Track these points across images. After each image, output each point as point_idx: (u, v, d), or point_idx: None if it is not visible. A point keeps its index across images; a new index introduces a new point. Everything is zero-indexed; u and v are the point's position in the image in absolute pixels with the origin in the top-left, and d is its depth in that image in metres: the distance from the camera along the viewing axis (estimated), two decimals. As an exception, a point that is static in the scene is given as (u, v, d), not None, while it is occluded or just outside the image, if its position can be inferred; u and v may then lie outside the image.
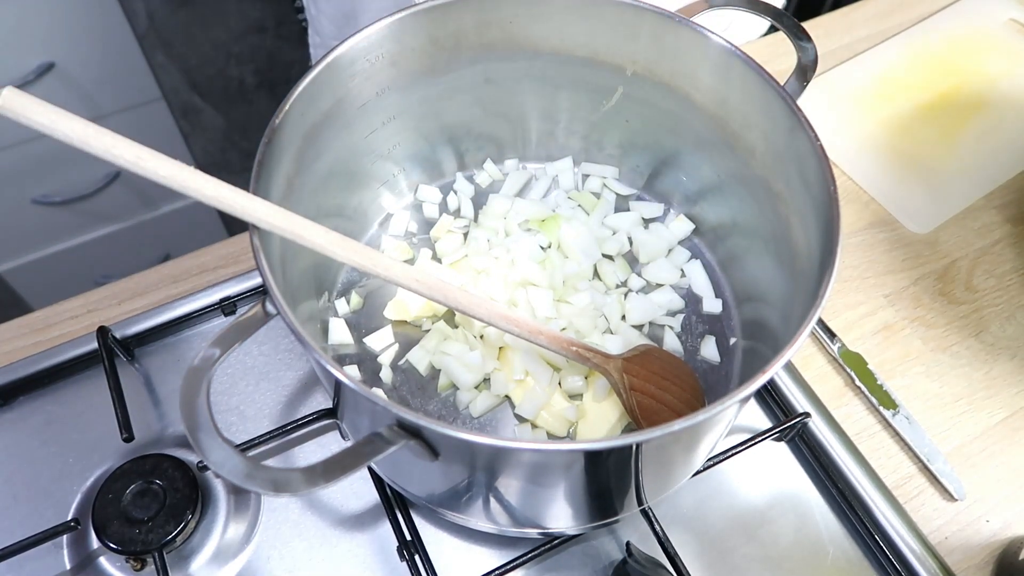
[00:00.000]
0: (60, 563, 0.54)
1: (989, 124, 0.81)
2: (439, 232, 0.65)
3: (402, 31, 0.53)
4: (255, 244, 0.41)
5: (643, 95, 0.59)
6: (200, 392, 0.37)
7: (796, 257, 0.51)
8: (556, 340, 0.52)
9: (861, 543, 0.57)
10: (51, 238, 1.46)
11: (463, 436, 0.35)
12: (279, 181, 0.48)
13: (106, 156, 0.36)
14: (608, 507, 0.49)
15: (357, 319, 0.61)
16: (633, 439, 0.36)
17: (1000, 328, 0.68)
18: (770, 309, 0.56)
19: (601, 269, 0.63)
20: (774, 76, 0.50)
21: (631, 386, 0.52)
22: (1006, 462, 0.61)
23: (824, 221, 0.45)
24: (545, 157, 0.68)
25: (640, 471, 0.44)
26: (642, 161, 0.66)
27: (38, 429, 0.59)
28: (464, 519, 0.52)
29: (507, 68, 0.59)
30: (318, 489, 0.36)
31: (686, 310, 0.62)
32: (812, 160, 0.47)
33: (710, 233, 0.64)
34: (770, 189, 0.54)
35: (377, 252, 0.46)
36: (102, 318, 0.64)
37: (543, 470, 0.42)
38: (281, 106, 0.46)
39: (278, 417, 0.60)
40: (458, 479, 0.45)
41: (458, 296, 0.49)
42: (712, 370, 0.59)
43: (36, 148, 1.28)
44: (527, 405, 0.56)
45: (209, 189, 0.39)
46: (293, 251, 0.48)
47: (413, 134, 0.62)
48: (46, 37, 1.18)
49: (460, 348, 0.57)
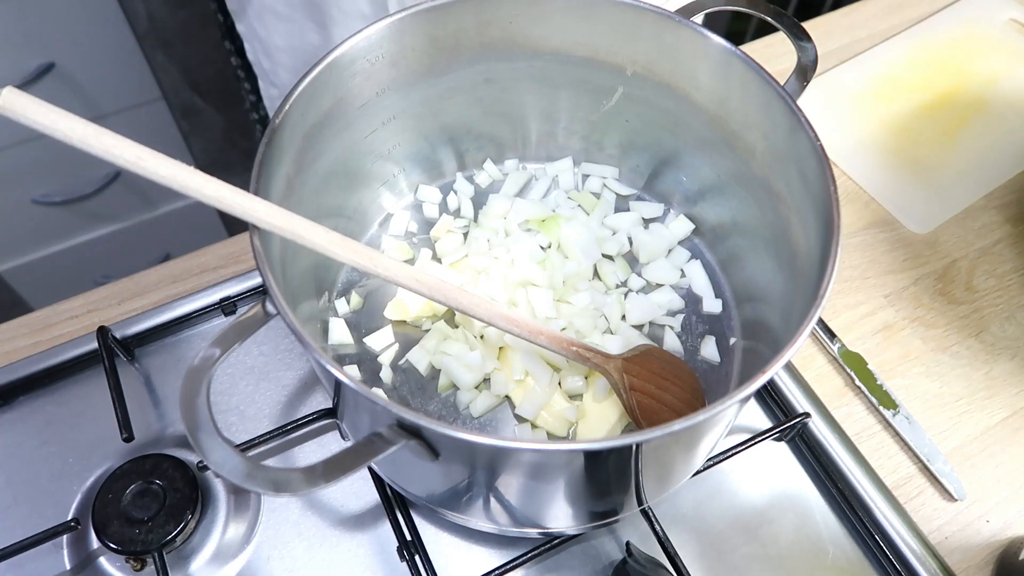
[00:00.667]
0: (60, 563, 0.54)
1: (989, 124, 0.81)
2: (439, 232, 0.65)
3: (402, 31, 0.53)
4: (255, 244, 0.41)
5: (643, 95, 0.59)
6: (200, 392, 0.37)
7: (796, 257, 0.51)
8: (556, 340, 0.52)
9: (861, 543, 0.57)
10: (51, 238, 1.46)
11: (463, 436, 0.35)
12: (279, 181, 0.48)
13: (106, 156, 0.36)
14: (608, 507, 0.49)
15: (357, 319, 0.61)
16: (633, 439, 0.36)
17: (1000, 328, 0.68)
18: (770, 309, 0.56)
19: (601, 269, 0.63)
20: (774, 76, 0.50)
21: (631, 386, 0.52)
22: (1006, 462, 0.61)
23: (824, 221, 0.45)
24: (545, 157, 0.68)
25: (640, 471, 0.44)
26: (642, 161, 0.66)
27: (38, 429, 0.59)
28: (464, 519, 0.52)
29: (507, 68, 0.59)
30: (318, 489, 0.36)
31: (686, 310, 0.62)
32: (812, 160, 0.47)
33: (710, 233, 0.64)
34: (770, 189, 0.54)
35: (377, 252, 0.46)
36: (102, 318, 0.64)
37: (543, 470, 0.42)
38: (281, 106, 0.46)
39: (278, 417, 0.60)
40: (458, 479, 0.45)
41: (458, 296, 0.49)
42: (712, 370, 0.59)
43: (36, 148, 1.28)
44: (527, 405, 0.56)
45: (209, 189, 0.39)
46: (293, 251, 0.48)
47: (413, 134, 0.62)
48: (46, 37, 1.18)
49: (460, 348, 0.57)
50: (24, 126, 0.34)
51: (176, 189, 0.38)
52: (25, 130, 0.35)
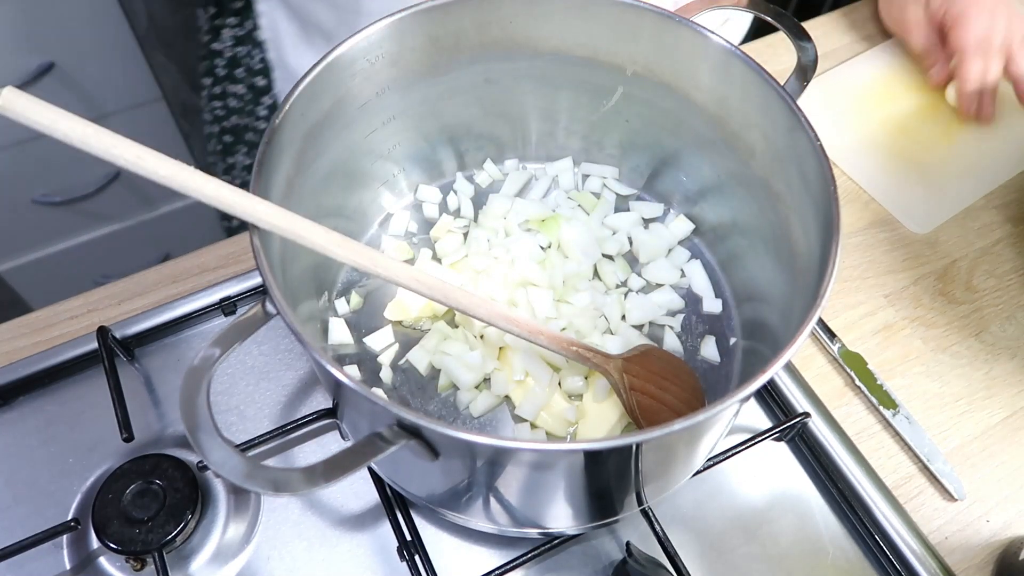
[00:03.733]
0: (60, 563, 0.54)
1: (989, 124, 0.81)
2: (439, 232, 0.65)
3: (402, 31, 0.53)
4: (255, 244, 0.41)
5: (643, 95, 0.59)
6: (200, 392, 0.37)
7: (796, 257, 0.51)
8: (556, 340, 0.52)
9: (861, 543, 0.57)
10: (51, 238, 1.46)
11: (463, 436, 0.35)
12: (279, 181, 0.48)
13: (106, 156, 0.36)
14: (608, 507, 0.49)
15: (357, 319, 0.60)
16: (633, 439, 0.37)
17: (1000, 328, 0.68)
18: (770, 309, 0.56)
19: (601, 269, 0.63)
20: (774, 76, 0.50)
21: (631, 386, 0.52)
22: (1006, 462, 0.61)
23: (824, 221, 0.45)
24: (545, 157, 0.68)
25: (640, 471, 0.44)
26: (642, 161, 0.66)
27: (38, 429, 0.59)
28: (464, 519, 0.52)
29: (507, 68, 0.59)
30: (318, 489, 0.36)
31: (686, 310, 0.62)
32: (812, 159, 0.47)
33: (710, 233, 0.64)
34: (770, 189, 0.54)
35: (377, 252, 0.46)
36: (102, 318, 0.64)
37: (543, 470, 0.42)
38: (281, 106, 0.46)
39: (278, 417, 0.60)
40: (458, 479, 0.45)
41: (458, 296, 0.49)
42: (712, 370, 0.59)
43: (36, 148, 1.28)
44: (527, 406, 0.56)
45: (209, 189, 0.39)
46: (293, 251, 0.48)
47: (413, 134, 0.62)
48: (46, 37, 1.18)
49: (460, 348, 0.57)
50: (24, 126, 0.34)
51: (176, 189, 0.38)
52: (25, 130, 0.35)
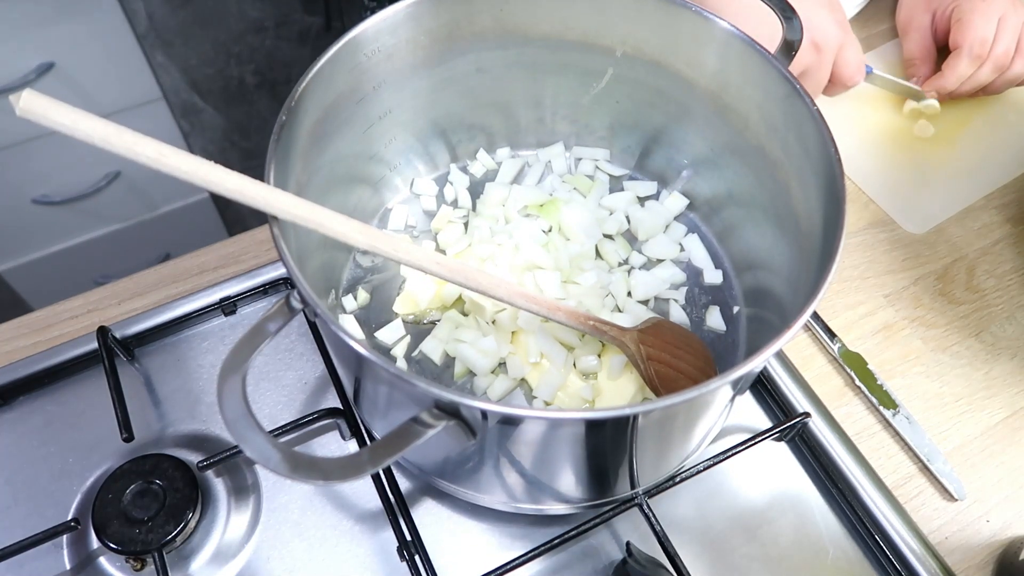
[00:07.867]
0: (60, 563, 0.54)
1: (989, 124, 0.81)
2: (440, 223, 0.65)
3: (398, 24, 0.53)
4: (275, 234, 0.41)
5: (633, 75, 0.60)
6: (236, 390, 0.37)
7: (798, 221, 0.52)
8: (574, 315, 0.53)
9: (861, 543, 0.57)
10: (51, 238, 1.46)
11: (510, 411, 0.36)
12: (290, 180, 0.48)
13: (128, 154, 0.37)
14: (623, 482, 0.50)
15: (366, 315, 0.61)
16: (681, 397, 0.37)
17: (1000, 328, 0.68)
18: (772, 276, 0.57)
19: (602, 248, 0.64)
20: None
21: (648, 356, 0.53)
22: (1006, 462, 0.61)
23: (827, 183, 0.46)
24: (536, 144, 0.69)
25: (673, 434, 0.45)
26: (632, 141, 0.66)
27: (38, 429, 0.59)
28: (474, 495, 0.52)
29: (498, 56, 0.60)
30: (365, 475, 0.36)
31: (688, 283, 0.63)
32: (810, 125, 0.48)
33: (705, 206, 0.65)
34: (767, 157, 0.55)
35: (397, 237, 0.46)
36: (102, 318, 0.64)
37: (571, 443, 0.43)
38: (288, 101, 0.47)
39: (278, 417, 0.60)
40: (470, 453, 0.45)
41: (478, 277, 0.49)
42: (719, 339, 0.60)
43: (36, 148, 1.28)
44: (544, 388, 0.56)
45: (231, 183, 0.40)
46: (305, 249, 0.49)
47: (407, 127, 0.62)
48: (46, 37, 1.18)
49: (474, 335, 0.58)
50: (23, 126, 0.34)
51: (198, 184, 0.39)
52: (25, 130, 0.35)
